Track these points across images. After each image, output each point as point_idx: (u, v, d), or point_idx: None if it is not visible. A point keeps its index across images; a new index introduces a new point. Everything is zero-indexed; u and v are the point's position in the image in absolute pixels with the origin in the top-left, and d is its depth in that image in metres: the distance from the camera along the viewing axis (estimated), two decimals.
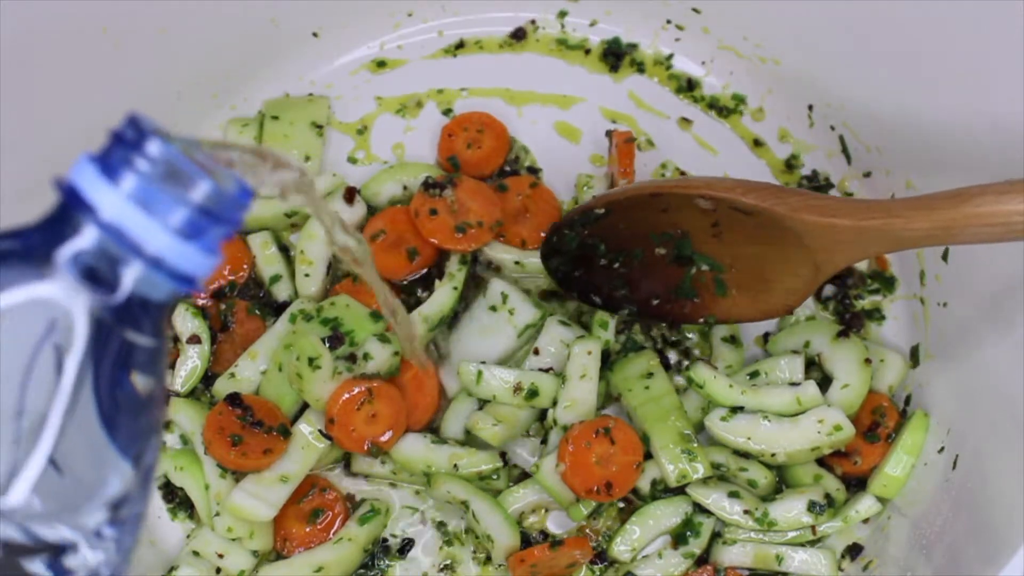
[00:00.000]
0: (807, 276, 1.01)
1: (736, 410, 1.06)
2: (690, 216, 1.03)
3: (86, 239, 0.53)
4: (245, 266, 1.14)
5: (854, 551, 1.07)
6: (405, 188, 1.16)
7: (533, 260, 1.13)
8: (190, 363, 1.10)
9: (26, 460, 0.51)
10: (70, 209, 0.54)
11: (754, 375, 1.09)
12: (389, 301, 0.88)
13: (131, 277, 0.54)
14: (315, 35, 1.21)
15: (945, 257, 1.06)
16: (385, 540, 1.08)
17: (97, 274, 0.54)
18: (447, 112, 1.22)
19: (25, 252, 0.54)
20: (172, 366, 1.10)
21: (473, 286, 1.14)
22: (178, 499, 1.10)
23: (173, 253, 0.54)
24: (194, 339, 1.09)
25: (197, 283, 0.56)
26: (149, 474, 0.58)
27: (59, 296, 0.53)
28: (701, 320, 1.11)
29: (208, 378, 1.11)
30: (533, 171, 1.19)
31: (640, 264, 1.09)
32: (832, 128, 1.18)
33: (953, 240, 0.89)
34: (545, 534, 1.08)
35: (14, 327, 0.52)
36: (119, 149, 0.54)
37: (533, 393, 1.07)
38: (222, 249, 0.56)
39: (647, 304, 1.11)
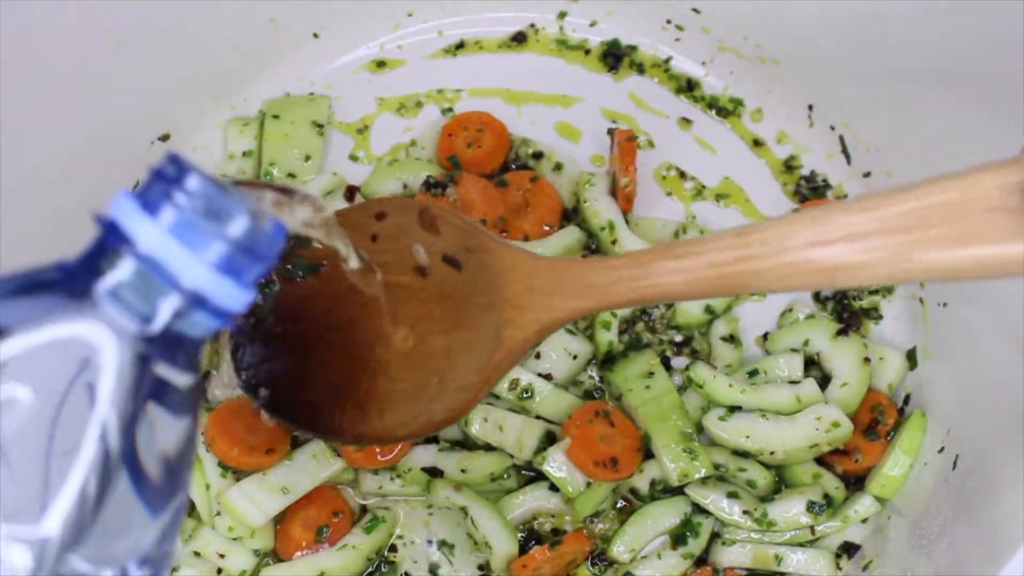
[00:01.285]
0: (484, 356, 0.85)
1: (734, 409, 1.06)
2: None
3: (124, 271, 0.55)
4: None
5: (850, 550, 1.07)
6: (405, 186, 1.16)
7: (539, 251, 1.12)
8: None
9: (57, 495, 0.52)
10: (109, 243, 0.55)
11: (753, 374, 1.09)
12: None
13: (168, 310, 0.55)
14: (315, 36, 1.22)
15: None
16: (393, 548, 1.08)
17: (134, 307, 0.54)
18: (447, 111, 1.22)
19: (64, 284, 0.55)
20: None
21: None
22: None
23: (210, 287, 0.55)
24: None
25: (232, 319, 0.57)
26: (179, 513, 0.58)
27: (94, 333, 0.54)
28: (365, 443, 0.95)
29: (208, 378, 1.11)
30: (537, 156, 1.19)
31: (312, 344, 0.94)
32: (832, 128, 1.18)
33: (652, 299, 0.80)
34: (541, 538, 1.08)
35: (49, 363, 0.53)
36: (158, 185, 0.55)
37: (528, 393, 1.07)
38: (256, 286, 0.58)
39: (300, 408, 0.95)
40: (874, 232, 0.67)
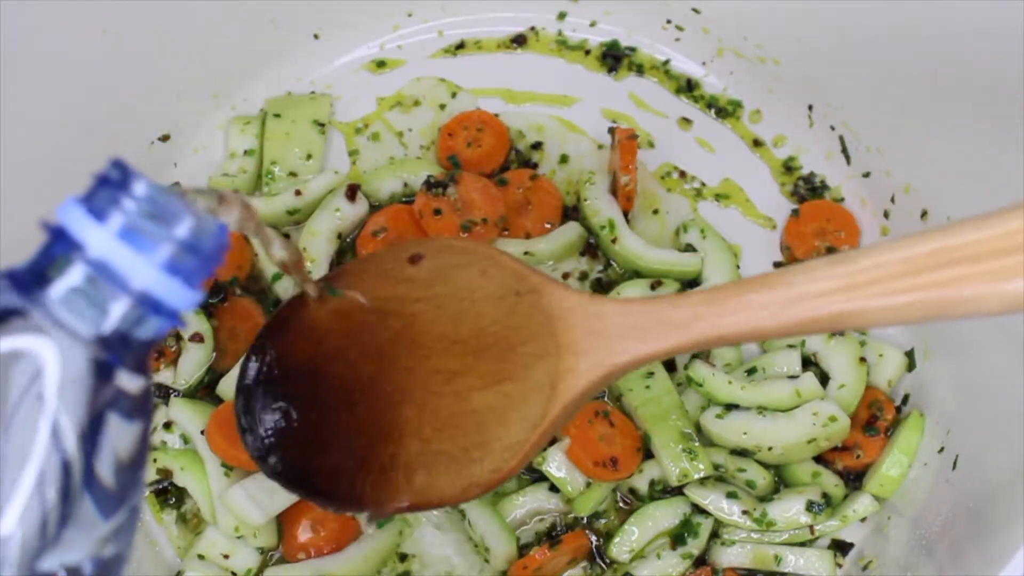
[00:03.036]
0: (537, 410, 0.78)
1: (731, 407, 1.07)
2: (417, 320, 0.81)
3: (74, 276, 0.55)
4: (247, 264, 1.14)
5: (843, 548, 1.07)
6: (406, 185, 1.16)
7: (541, 247, 1.13)
8: (192, 361, 1.09)
9: (9, 499, 0.53)
10: (57, 249, 0.56)
11: (752, 371, 1.09)
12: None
13: (118, 313, 0.56)
14: (316, 36, 1.22)
15: None
16: (403, 557, 1.08)
17: (85, 312, 0.55)
18: (443, 106, 1.22)
19: (13, 291, 0.56)
20: (174, 363, 1.10)
21: None
22: (172, 499, 1.09)
23: (160, 288, 0.56)
24: (196, 337, 1.09)
25: (180, 318, 0.58)
26: (134, 514, 0.59)
27: (41, 344, 0.54)
28: (390, 511, 0.83)
29: (209, 377, 1.11)
30: (536, 147, 1.19)
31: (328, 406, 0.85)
32: (832, 128, 1.18)
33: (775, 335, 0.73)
34: (541, 538, 1.08)
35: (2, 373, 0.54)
36: (104, 190, 0.56)
37: None
38: (203, 286, 0.59)
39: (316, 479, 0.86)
40: (966, 259, 0.66)
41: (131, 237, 0.56)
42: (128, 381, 0.57)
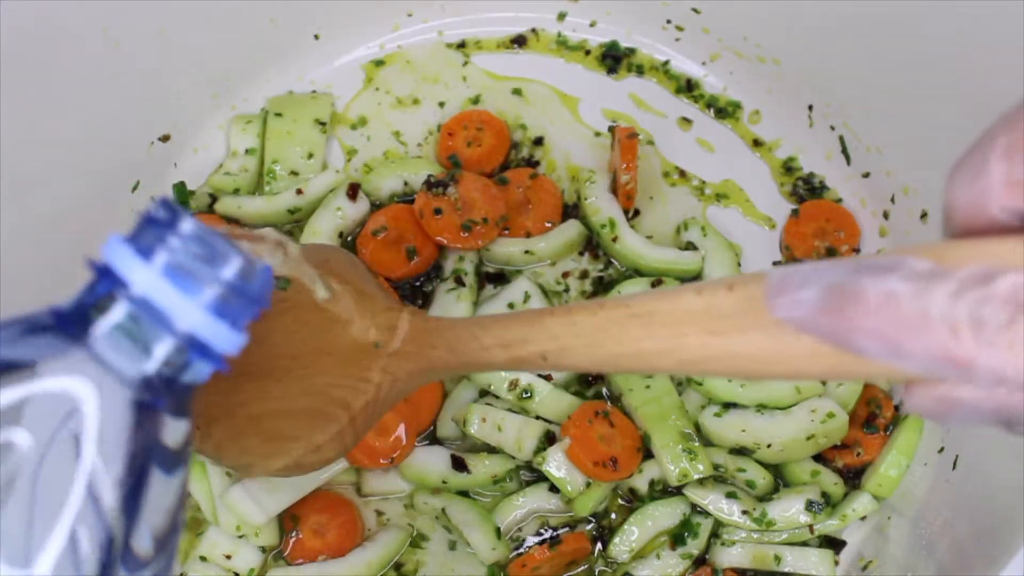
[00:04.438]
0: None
1: (729, 406, 1.07)
2: None
3: (117, 314, 0.54)
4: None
5: (836, 545, 1.07)
6: (406, 184, 1.16)
7: (542, 246, 1.14)
8: None
9: (42, 546, 0.51)
10: (102, 287, 0.55)
11: None
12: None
13: (162, 353, 0.55)
14: (316, 36, 1.21)
15: None
16: (401, 565, 1.08)
17: (128, 351, 0.54)
18: (443, 104, 1.22)
19: (57, 328, 0.55)
20: None
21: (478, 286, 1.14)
22: None
23: (205, 329, 0.55)
24: None
25: (224, 363, 0.57)
26: (172, 556, 0.58)
27: (82, 385, 0.53)
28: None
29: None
30: (538, 142, 1.20)
31: None
32: (832, 128, 1.18)
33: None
34: (543, 537, 1.08)
35: (36, 412, 0.53)
36: (151, 229, 0.55)
37: (527, 393, 1.07)
38: (248, 330, 0.57)
39: None
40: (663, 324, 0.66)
41: (177, 277, 0.54)
42: (169, 426, 0.56)
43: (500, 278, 1.15)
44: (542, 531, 1.08)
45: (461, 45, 1.24)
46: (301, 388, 0.82)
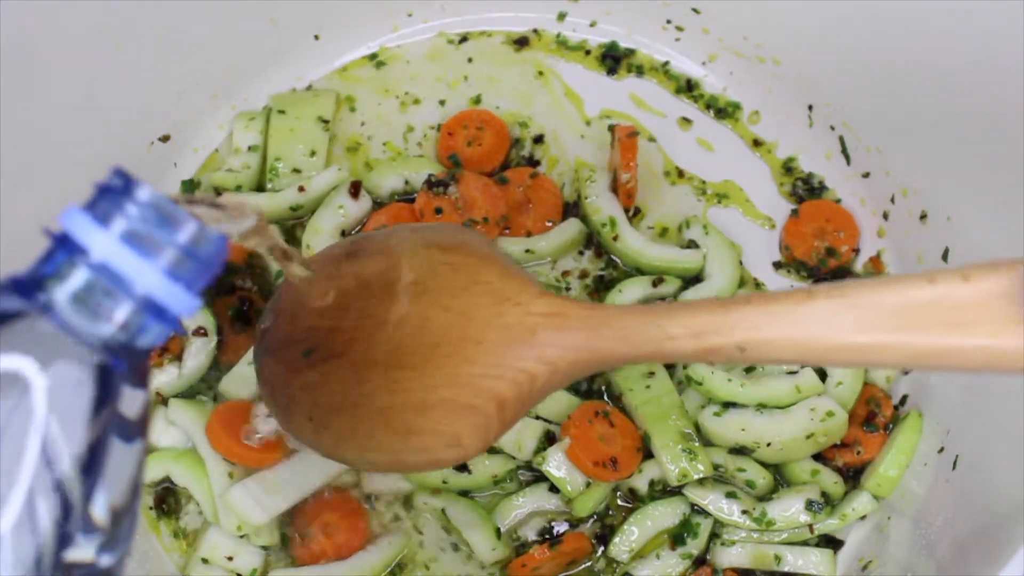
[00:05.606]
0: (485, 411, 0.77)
1: (728, 405, 1.07)
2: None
3: (76, 281, 0.56)
4: (251, 260, 1.14)
5: (834, 544, 1.07)
6: (407, 182, 1.17)
7: (542, 245, 1.14)
8: (195, 357, 1.09)
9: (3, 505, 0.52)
10: (60, 255, 0.56)
11: (750, 369, 1.10)
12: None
13: (120, 317, 0.56)
14: (316, 37, 1.21)
15: (945, 257, 1.07)
16: (403, 566, 1.08)
17: (87, 316, 0.55)
18: (443, 102, 1.22)
19: (14, 296, 0.56)
20: (178, 358, 1.09)
21: None
22: (167, 507, 1.09)
23: (162, 292, 0.56)
24: (200, 331, 1.09)
25: (181, 325, 0.58)
26: (133, 525, 0.58)
27: (43, 350, 0.54)
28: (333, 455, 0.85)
29: (210, 375, 1.11)
30: (538, 140, 1.20)
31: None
32: (832, 128, 1.18)
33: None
34: (543, 537, 1.08)
35: None
36: (107, 198, 0.56)
37: None
38: (202, 293, 0.59)
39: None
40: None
41: (134, 242, 0.56)
42: (127, 395, 0.57)
43: None
44: (545, 533, 1.08)
45: (462, 43, 1.24)
46: (442, 378, 0.78)
